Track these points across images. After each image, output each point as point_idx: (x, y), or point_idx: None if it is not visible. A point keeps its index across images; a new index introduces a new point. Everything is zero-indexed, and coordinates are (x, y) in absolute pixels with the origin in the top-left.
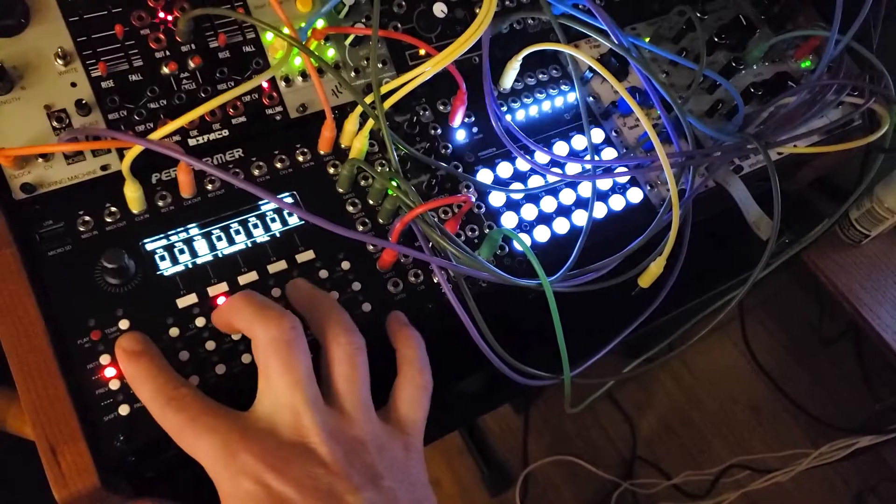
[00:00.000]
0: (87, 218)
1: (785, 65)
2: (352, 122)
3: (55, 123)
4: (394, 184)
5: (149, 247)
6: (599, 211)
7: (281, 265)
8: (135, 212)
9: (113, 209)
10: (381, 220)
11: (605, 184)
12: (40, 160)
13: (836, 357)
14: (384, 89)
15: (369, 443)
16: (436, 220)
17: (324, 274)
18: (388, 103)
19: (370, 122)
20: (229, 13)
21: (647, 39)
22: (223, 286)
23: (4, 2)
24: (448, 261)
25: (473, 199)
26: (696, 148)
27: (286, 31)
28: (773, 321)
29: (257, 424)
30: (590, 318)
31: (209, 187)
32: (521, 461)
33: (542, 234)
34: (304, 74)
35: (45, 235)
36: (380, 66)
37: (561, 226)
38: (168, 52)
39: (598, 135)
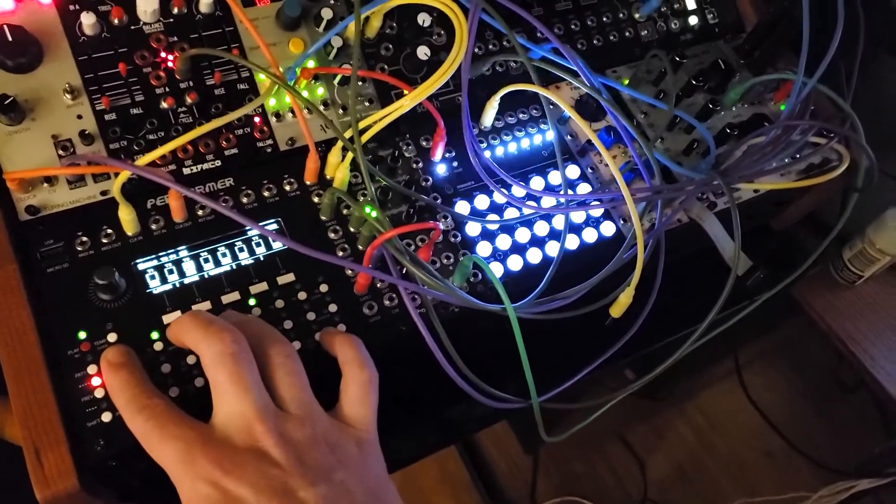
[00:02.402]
0: (84, 238)
1: (764, 107)
2: (335, 154)
3: (61, 151)
4: (366, 210)
5: (140, 266)
6: (572, 242)
7: (262, 286)
8: (129, 234)
9: (109, 231)
10: (360, 247)
11: (578, 217)
12: (45, 184)
13: (855, 402)
14: (363, 124)
15: (320, 441)
16: (412, 247)
17: (302, 295)
18: (365, 137)
19: (350, 155)
20: (222, 54)
21: (626, 82)
22: (207, 304)
23: (21, 42)
24: (415, 284)
25: (442, 228)
26: (671, 184)
27: (275, 69)
28: (789, 365)
29: (215, 433)
30: (573, 345)
31: (199, 213)
32: (528, 500)
33: (515, 263)
34: (293, 110)
35: (45, 254)
36: (367, 104)
37: (534, 256)
38: (167, 89)
39: (574, 171)
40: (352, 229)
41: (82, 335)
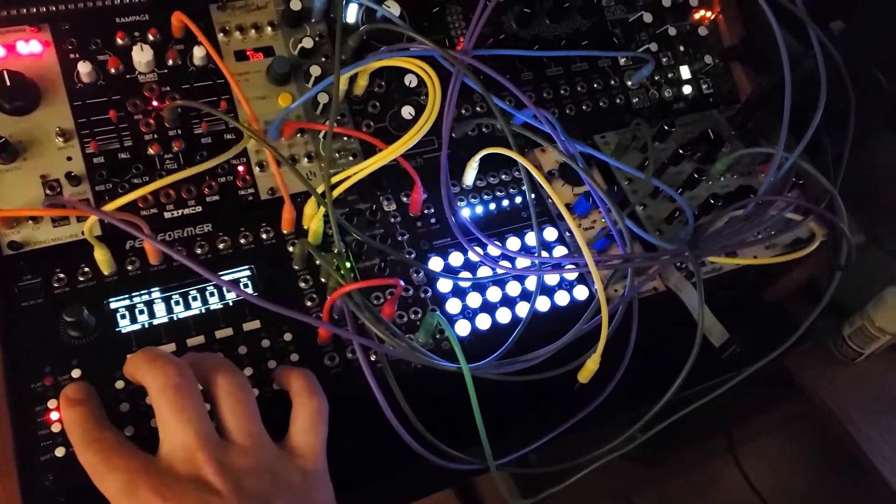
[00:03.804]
0: (61, 275)
1: (753, 178)
2: (310, 206)
3: (48, 191)
4: (329, 263)
5: (112, 305)
6: (543, 304)
7: (227, 332)
8: (105, 273)
9: (86, 269)
10: (327, 297)
11: (551, 279)
12: (30, 222)
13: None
14: (337, 178)
15: (263, 470)
16: (381, 301)
17: (266, 343)
18: (336, 192)
19: (322, 207)
20: (202, 106)
21: (612, 148)
22: (172, 346)
23: (19, 87)
24: (369, 339)
25: (407, 283)
26: (642, 253)
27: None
28: (806, 441)
29: (159, 464)
30: (551, 407)
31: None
32: None
33: (483, 322)
34: (278, 161)
35: (22, 288)
36: (351, 158)
37: (503, 315)
38: (156, 135)
39: (552, 233)
40: (322, 279)
41: (47, 369)
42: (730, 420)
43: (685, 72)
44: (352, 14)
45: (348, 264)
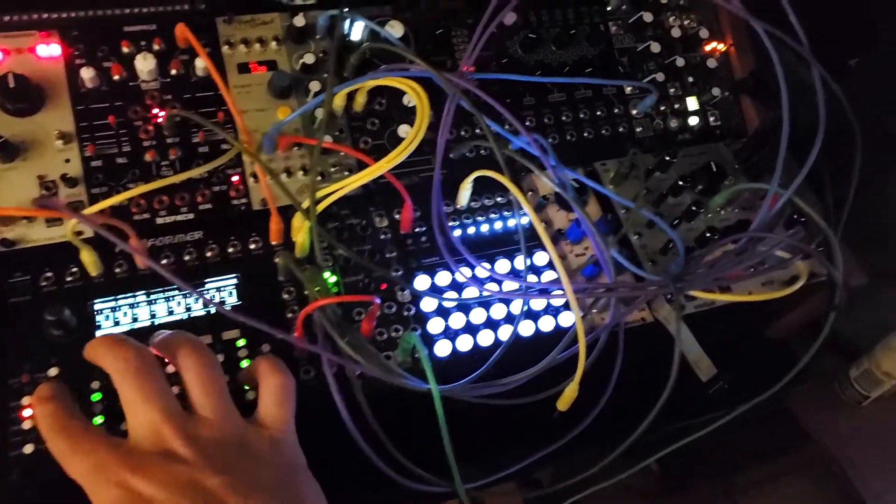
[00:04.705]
0: (49, 274)
1: (754, 213)
2: (297, 218)
3: (43, 191)
4: (307, 276)
5: (97, 307)
6: (527, 329)
7: (207, 339)
8: (93, 275)
9: (74, 270)
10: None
11: (538, 304)
12: (24, 220)
13: None
14: (323, 192)
15: (230, 440)
16: (362, 318)
17: (243, 353)
18: (321, 206)
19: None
20: (195, 117)
21: (611, 176)
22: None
23: (23, 90)
24: (337, 356)
25: (380, 301)
26: (627, 283)
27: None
28: (810, 490)
29: (128, 444)
30: (535, 433)
31: (164, 262)
32: None
33: (464, 343)
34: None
35: (11, 285)
36: (346, 173)
37: (485, 338)
38: (154, 142)
39: (542, 258)
40: (305, 292)
41: (26, 366)
42: (731, 464)
43: (692, 103)
44: (357, 32)
45: (334, 278)
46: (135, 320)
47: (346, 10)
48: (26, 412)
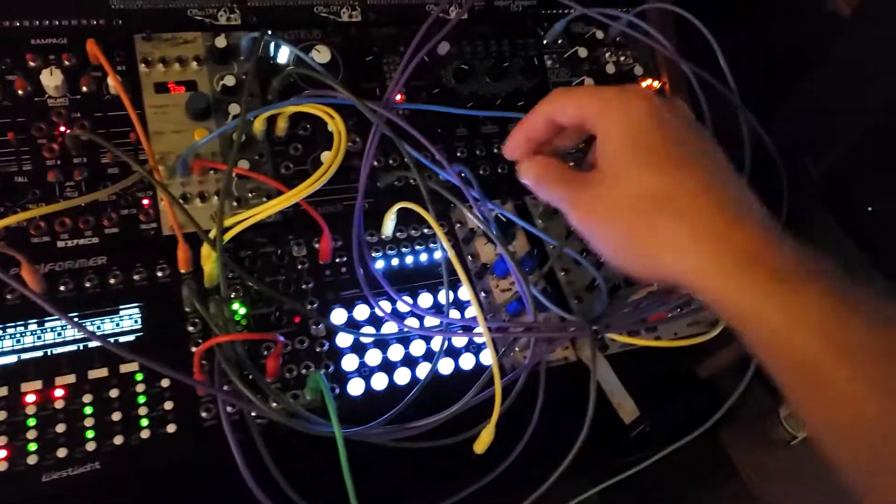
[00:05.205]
0: None
1: None
2: (206, 247)
3: None
4: (211, 311)
5: None
6: (446, 367)
7: (102, 372)
8: None
9: None
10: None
11: (459, 341)
12: None
13: None
14: (233, 220)
15: None
16: (267, 353)
17: (140, 388)
18: (229, 235)
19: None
20: (96, 138)
21: (540, 211)
22: (39, 384)
23: None
24: (232, 396)
25: (283, 339)
26: (546, 323)
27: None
28: None
29: None
30: (453, 478)
31: (62, 288)
32: None
33: (380, 381)
34: (184, 197)
35: None
36: (264, 199)
37: (402, 376)
38: (59, 162)
39: (466, 292)
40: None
41: None
42: (656, 488)
43: None
44: (283, 55)
45: (244, 310)
46: (24, 351)
47: (269, 32)
48: None
